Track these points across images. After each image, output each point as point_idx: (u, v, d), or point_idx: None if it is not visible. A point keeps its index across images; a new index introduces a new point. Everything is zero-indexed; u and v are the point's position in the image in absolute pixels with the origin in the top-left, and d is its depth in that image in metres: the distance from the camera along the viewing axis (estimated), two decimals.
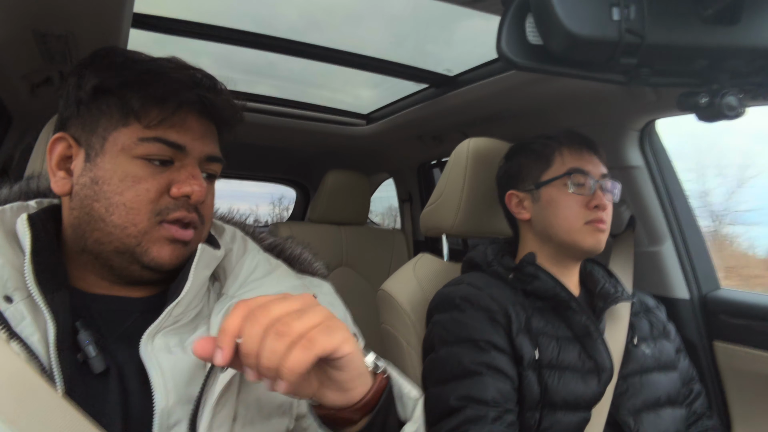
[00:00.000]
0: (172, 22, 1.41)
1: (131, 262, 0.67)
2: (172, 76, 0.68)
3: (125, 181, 0.66)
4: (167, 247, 0.67)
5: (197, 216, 0.70)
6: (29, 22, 1.10)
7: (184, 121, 0.69)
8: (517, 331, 1.04)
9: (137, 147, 0.66)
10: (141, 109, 0.66)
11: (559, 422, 1.00)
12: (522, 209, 1.19)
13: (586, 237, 1.10)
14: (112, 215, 0.65)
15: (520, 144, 1.24)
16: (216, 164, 0.74)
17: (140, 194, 0.66)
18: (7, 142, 1.78)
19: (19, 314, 0.59)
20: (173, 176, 0.68)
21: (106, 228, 0.66)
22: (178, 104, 0.67)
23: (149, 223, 0.66)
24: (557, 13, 0.59)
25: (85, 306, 0.67)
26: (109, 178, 0.66)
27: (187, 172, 0.68)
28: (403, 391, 0.62)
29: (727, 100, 0.66)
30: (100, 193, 0.66)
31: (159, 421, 0.60)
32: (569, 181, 1.11)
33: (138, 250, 0.66)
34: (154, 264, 0.67)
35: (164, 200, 0.67)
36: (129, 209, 0.65)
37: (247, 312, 0.49)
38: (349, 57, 1.64)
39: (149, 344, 0.64)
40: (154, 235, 0.66)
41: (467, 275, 1.19)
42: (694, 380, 1.22)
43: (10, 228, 0.66)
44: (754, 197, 1.99)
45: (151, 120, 0.66)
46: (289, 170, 3.25)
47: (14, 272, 0.62)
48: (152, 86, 0.66)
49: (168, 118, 0.67)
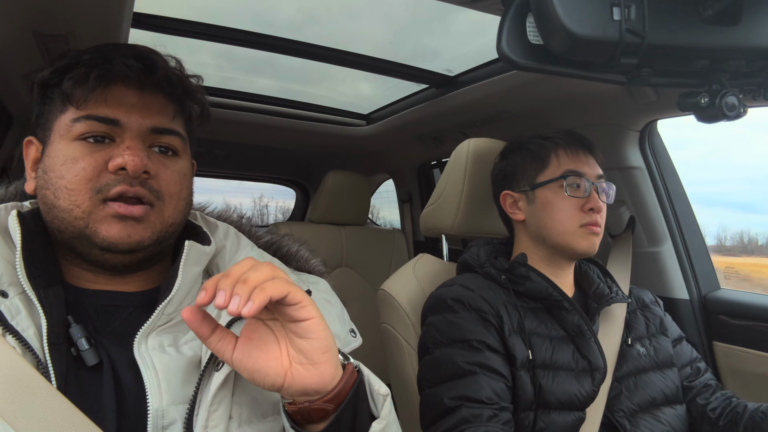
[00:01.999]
0: (171, 22, 1.41)
1: (89, 245, 0.66)
2: (100, 54, 0.67)
3: (65, 164, 0.66)
4: (116, 225, 0.66)
5: (146, 191, 0.67)
6: (29, 22, 1.10)
7: (118, 96, 0.67)
8: (509, 332, 1.04)
9: (72, 129, 0.66)
10: (72, 91, 0.66)
11: (553, 422, 1.00)
12: (516, 210, 1.19)
13: (580, 240, 1.10)
14: (58, 200, 0.66)
15: (516, 143, 1.23)
16: (169, 136, 0.71)
17: (78, 174, 0.65)
18: (7, 142, 1.78)
19: (14, 308, 0.60)
20: (112, 152, 0.66)
21: (58, 214, 0.66)
22: (99, 77, 0.66)
23: (91, 202, 0.65)
24: (558, 12, 0.59)
25: (79, 301, 0.67)
26: (53, 164, 0.66)
27: (124, 145, 0.67)
28: (373, 387, 0.63)
29: (728, 100, 0.66)
30: (49, 181, 0.67)
31: (153, 421, 0.60)
32: (565, 184, 1.11)
33: (87, 231, 0.65)
34: (107, 244, 0.65)
35: (104, 177, 0.66)
36: (70, 191, 0.65)
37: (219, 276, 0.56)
38: (348, 57, 1.64)
39: (143, 344, 0.64)
40: (99, 215, 0.65)
41: (460, 277, 1.19)
42: (698, 359, 1.21)
43: (4, 226, 0.67)
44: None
45: (79, 99, 0.66)
46: (289, 170, 3.24)
47: (9, 268, 0.63)
48: (78, 68, 0.66)
49: (94, 93, 0.66)
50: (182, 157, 0.73)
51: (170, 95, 0.72)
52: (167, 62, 0.72)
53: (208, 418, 0.60)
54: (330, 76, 1.98)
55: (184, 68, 0.75)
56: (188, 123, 0.76)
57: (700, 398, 1.14)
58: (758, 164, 1.95)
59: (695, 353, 1.22)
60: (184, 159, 0.74)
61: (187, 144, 0.75)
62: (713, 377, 1.20)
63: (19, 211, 0.68)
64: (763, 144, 1.87)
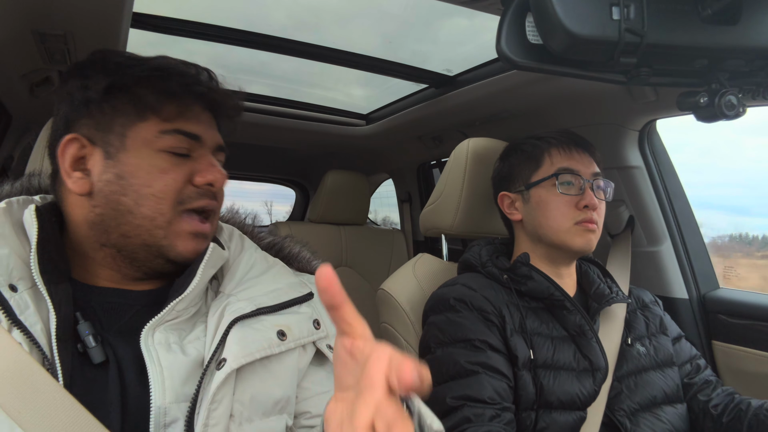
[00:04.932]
0: (169, 21, 1.41)
1: (157, 255, 0.69)
2: (180, 72, 0.71)
3: (152, 173, 0.68)
4: (192, 242, 0.70)
5: (217, 204, 0.73)
6: (29, 22, 1.10)
7: (197, 114, 0.72)
8: (511, 332, 1.04)
9: (159, 140, 0.69)
10: (157, 103, 0.68)
11: (555, 422, 1.00)
12: (514, 210, 1.20)
13: (575, 237, 1.10)
14: (141, 207, 0.67)
15: (513, 145, 1.24)
16: (222, 153, 0.77)
17: (168, 184, 0.68)
18: (7, 141, 1.78)
19: (23, 303, 0.60)
20: (194, 166, 0.71)
21: (134, 221, 0.68)
22: (193, 97, 0.70)
23: (173, 212, 0.68)
24: (557, 12, 0.59)
25: (87, 299, 0.68)
26: (136, 171, 0.68)
27: (206, 161, 0.72)
28: (425, 422, 0.54)
29: (727, 99, 0.67)
30: (128, 187, 0.68)
31: (155, 419, 0.60)
32: (557, 182, 1.11)
33: (164, 243, 0.68)
34: (181, 258, 0.69)
35: (187, 190, 0.70)
36: (159, 200, 0.68)
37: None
38: (349, 57, 1.64)
39: (149, 337, 0.64)
40: (177, 228, 0.69)
41: (461, 276, 1.19)
42: (698, 356, 1.21)
43: (17, 219, 0.68)
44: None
45: (170, 113, 0.69)
46: (289, 170, 3.25)
47: (20, 262, 0.63)
48: (166, 81, 0.69)
49: (184, 111, 0.70)
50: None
51: (221, 116, 0.78)
52: (214, 79, 0.76)
53: (208, 417, 0.61)
54: (330, 76, 1.98)
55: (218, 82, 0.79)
56: None
57: (702, 395, 1.14)
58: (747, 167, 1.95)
59: (694, 350, 1.22)
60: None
61: None
62: (713, 374, 1.20)
63: (37, 207, 0.68)
64: (752, 148, 1.87)
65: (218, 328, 0.67)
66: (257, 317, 0.70)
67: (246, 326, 0.68)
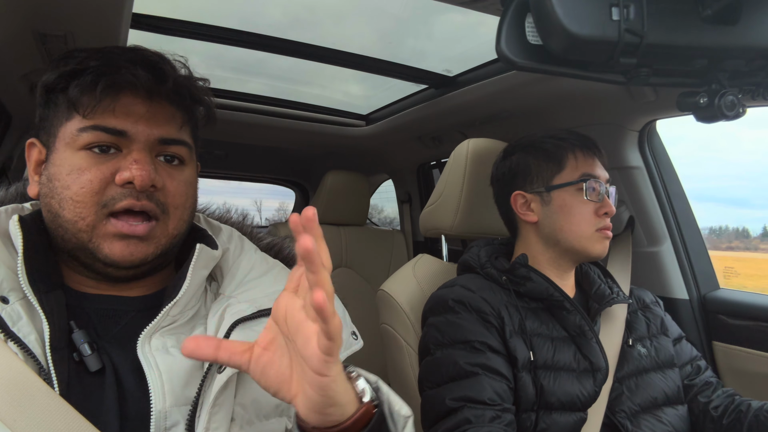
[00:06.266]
0: (167, 22, 1.41)
1: (92, 259, 0.66)
2: (107, 60, 0.65)
3: (71, 174, 0.64)
4: (118, 244, 0.65)
5: (153, 205, 0.66)
6: (29, 22, 1.09)
7: (125, 106, 0.66)
8: (510, 333, 1.03)
9: (78, 138, 0.65)
10: (79, 99, 0.64)
11: (555, 423, 1.00)
12: (528, 211, 1.16)
13: (595, 244, 1.10)
14: (63, 210, 0.64)
15: (528, 141, 1.19)
16: (177, 146, 0.70)
17: (84, 186, 0.64)
18: (7, 142, 1.77)
19: (15, 314, 0.59)
20: (119, 164, 0.65)
21: (62, 224, 0.65)
22: (107, 87, 0.64)
23: (96, 216, 0.64)
24: (557, 12, 0.59)
25: (80, 306, 0.67)
26: (59, 173, 0.65)
27: (131, 158, 0.65)
28: (393, 408, 0.59)
29: (727, 99, 0.67)
30: (54, 191, 0.65)
31: (156, 423, 0.60)
32: (585, 187, 1.10)
33: (90, 246, 0.65)
34: (110, 261, 0.65)
35: (111, 190, 0.64)
36: (76, 203, 0.64)
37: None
38: (349, 57, 1.64)
39: (146, 344, 0.63)
40: (102, 231, 0.64)
41: (460, 277, 1.18)
42: (698, 357, 1.21)
43: (5, 230, 0.66)
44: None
45: (87, 108, 0.64)
46: (289, 171, 3.25)
47: (9, 273, 0.62)
48: (84, 72, 0.64)
49: (102, 103, 0.64)
50: (188, 165, 0.73)
51: (178, 104, 0.70)
52: (176, 69, 0.70)
53: (209, 420, 0.60)
54: (330, 77, 1.98)
55: (191, 71, 0.73)
56: (195, 129, 0.76)
57: (702, 396, 1.14)
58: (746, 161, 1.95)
59: (695, 351, 1.22)
60: (190, 167, 0.73)
61: (193, 151, 0.74)
62: (714, 375, 1.19)
63: (21, 216, 0.67)
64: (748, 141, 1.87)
65: (219, 330, 0.67)
66: (258, 319, 0.69)
67: (247, 328, 0.67)
